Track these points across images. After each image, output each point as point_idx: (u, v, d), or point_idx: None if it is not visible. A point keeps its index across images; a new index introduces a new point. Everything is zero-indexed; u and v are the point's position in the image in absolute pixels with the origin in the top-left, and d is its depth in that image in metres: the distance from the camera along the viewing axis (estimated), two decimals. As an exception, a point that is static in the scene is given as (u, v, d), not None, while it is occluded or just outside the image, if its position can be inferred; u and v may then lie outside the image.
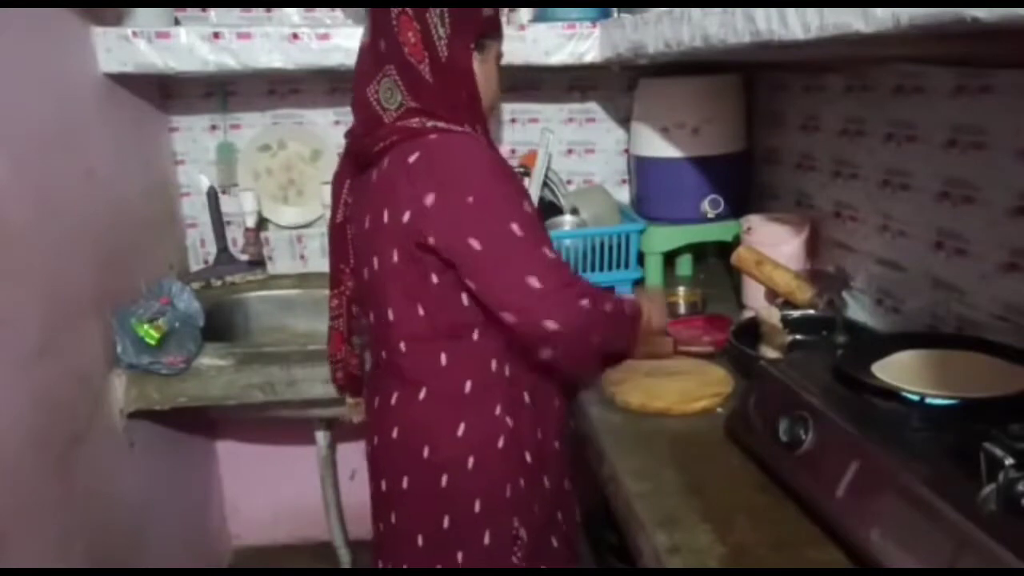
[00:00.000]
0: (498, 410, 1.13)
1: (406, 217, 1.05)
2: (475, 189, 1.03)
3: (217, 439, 2.24)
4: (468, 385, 1.12)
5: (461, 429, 1.12)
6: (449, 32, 1.06)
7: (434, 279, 1.07)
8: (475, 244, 1.02)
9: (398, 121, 1.08)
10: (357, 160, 1.18)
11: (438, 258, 1.05)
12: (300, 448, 2.14)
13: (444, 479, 1.12)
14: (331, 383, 1.41)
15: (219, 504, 2.26)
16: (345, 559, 2.09)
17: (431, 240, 1.04)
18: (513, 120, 2.12)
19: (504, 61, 1.23)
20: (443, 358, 1.12)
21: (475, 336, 1.12)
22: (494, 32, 1.16)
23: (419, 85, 1.07)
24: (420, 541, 1.15)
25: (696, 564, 0.85)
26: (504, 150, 2.06)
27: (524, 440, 1.15)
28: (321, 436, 1.99)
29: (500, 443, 1.13)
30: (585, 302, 1.05)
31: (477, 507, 1.13)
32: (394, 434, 1.16)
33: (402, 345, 1.13)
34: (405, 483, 1.15)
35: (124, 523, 1.60)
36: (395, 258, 1.08)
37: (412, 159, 1.04)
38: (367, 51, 1.12)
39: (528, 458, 1.16)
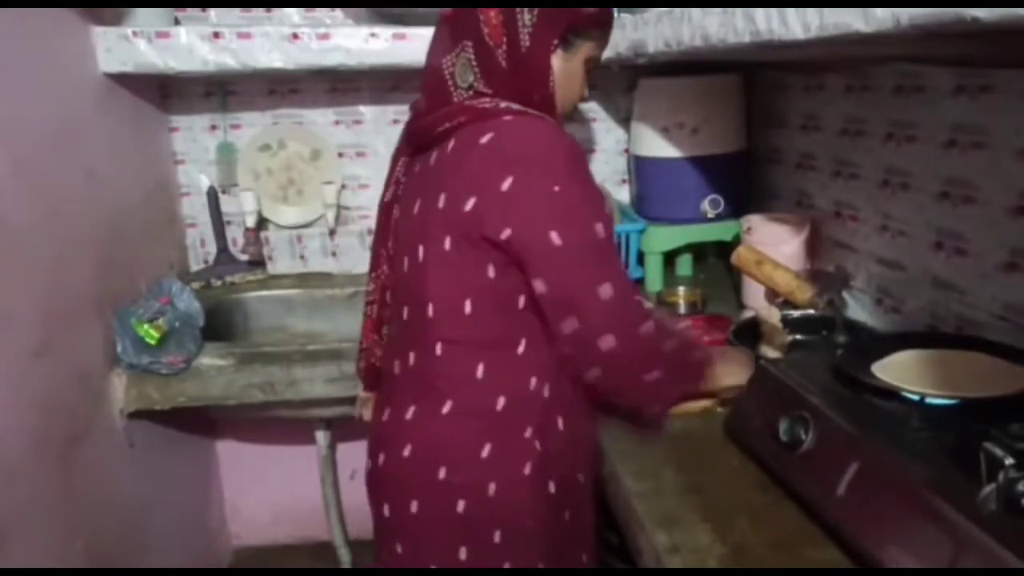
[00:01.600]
0: (528, 432, 1.01)
1: (471, 203, 0.94)
2: (561, 178, 0.92)
3: (217, 439, 2.24)
4: (501, 402, 1.00)
5: (486, 450, 0.99)
6: (535, 21, 0.97)
7: (491, 273, 0.96)
8: (555, 238, 0.91)
9: (467, 102, 0.99)
10: (416, 140, 1.08)
11: (503, 251, 0.94)
12: (300, 448, 2.14)
13: (461, 505, 0.99)
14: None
15: (219, 504, 2.26)
16: (345, 559, 2.09)
17: (506, 231, 0.92)
18: (513, 120, 2.11)
19: None
20: (480, 369, 1.00)
21: (521, 348, 1.00)
22: (589, 31, 1.04)
23: (494, 70, 0.98)
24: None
25: (696, 564, 0.85)
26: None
27: (551, 469, 1.03)
28: (321, 436, 1.99)
29: (527, 470, 1.00)
30: (648, 329, 0.96)
31: (497, 538, 1.00)
32: (406, 452, 1.02)
33: (438, 347, 1.01)
34: (414, 507, 1.02)
35: (124, 523, 1.60)
36: (447, 246, 0.97)
37: (485, 139, 0.94)
38: (446, 22, 1.03)
39: (552, 488, 1.03)
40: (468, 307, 0.99)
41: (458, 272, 0.98)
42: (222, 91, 2.02)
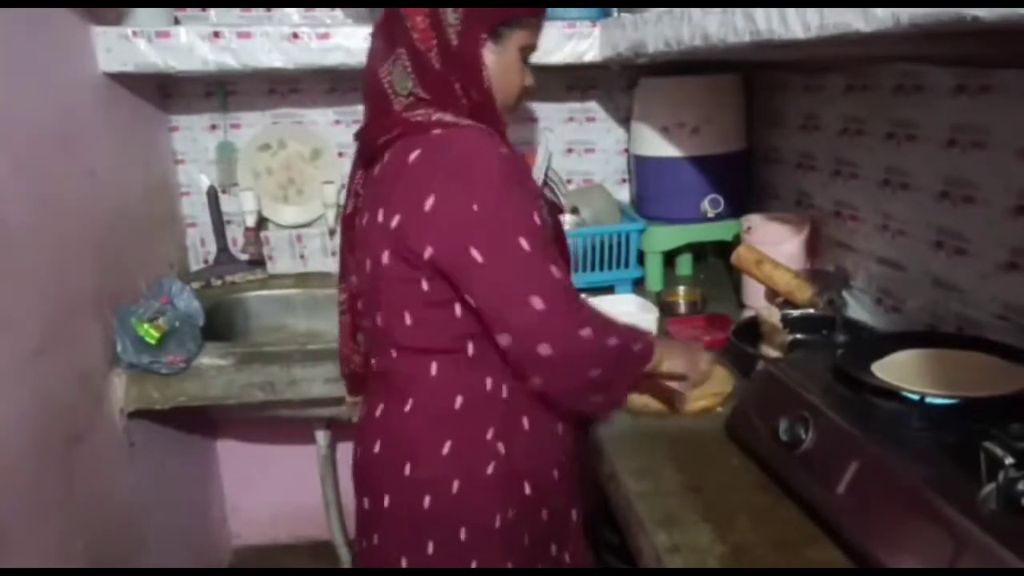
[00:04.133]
0: (490, 434, 1.02)
1: (396, 221, 0.96)
2: (480, 195, 0.93)
3: (217, 439, 2.24)
4: (459, 401, 1.02)
5: (447, 448, 1.01)
6: (461, 18, 0.97)
7: (424, 286, 0.98)
8: (477, 256, 0.92)
9: (405, 111, 1.01)
10: (363, 151, 1.10)
11: (432, 267, 0.96)
12: (300, 448, 2.14)
13: (427, 500, 1.02)
14: (337, 380, 1.32)
15: (219, 503, 2.26)
16: (345, 558, 2.09)
17: (428, 249, 0.95)
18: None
19: None
20: (433, 368, 1.02)
21: (470, 350, 1.01)
22: (516, 21, 1.03)
23: (428, 74, 0.99)
24: (404, 564, 1.06)
25: (696, 564, 0.85)
26: (504, 149, 2.06)
27: (520, 470, 1.04)
28: (321, 436, 1.99)
29: (490, 470, 1.02)
30: (587, 332, 0.96)
31: (463, 535, 1.02)
32: (376, 448, 1.07)
33: (393, 352, 1.05)
34: (387, 501, 1.05)
35: (124, 523, 1.59)
36: (385, 260, 1.00)
37: (412, 157, 0.96)
38: (379, 30, 1.05)
39: (527, 489, 1.05)
40: (408, 318, 1.01)
41: (396, 284, 1.00)
42: (222, 91, 2.02)
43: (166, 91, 2.00)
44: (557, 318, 0.94)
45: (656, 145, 1.84)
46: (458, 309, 0.99)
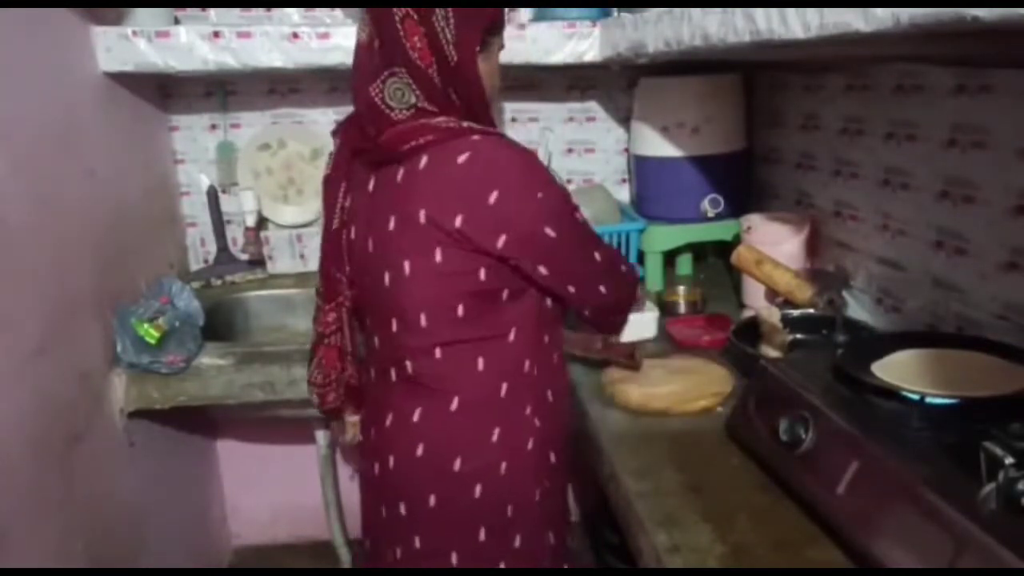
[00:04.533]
0: (528, 410, 1.11)
1: (459, 220, 1.00)
2: (540, 185, 1.04)
3: (217, 438, 2.24)
4: (504, 388, 1.09)
5: (496, 435, 1.09)
6: (455, 34, 1.02)
7: (482, 276, 1.04)
8: (550, 232, 1.04)
9: (419, 119, 1.04)
10: (371, 158, 1.11)
11: (495, 256, 1.02)
12: (300, 448, 2.14)
13: (478, 489, 1.08)
14: (320, 407, 1.26)
15: (219, 503, 2.26)
16: (345, 558, 2.08)
17: (502, 238, 1.01)
18: (513, 119, 2.11)
19: (504, 60, 1.21)
20: (480, 362, 1.08)
21: (512, 336, 1.09)
22: (497, 27, 1.11)
23: (433, 88, 1.04)
24: (455, 559, 1.10)
25: (696, 564, 0.85)
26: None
27: (549, 440, 1.14)
28: (321, 436, 1.99)
29: (530, 445, 1.11)
30: (624, 267, 1.21)
31: (510, 512, 1.10)
32: (418, 452, 1.09)
33: (437, 352, 1.07)
34: (432, 501, 1.09)
35: (124, 523, 1.59)
36: (438, 258, 1.02)
37: (463, 159, 1.00)
38: (366, 49, 1.07)
39: (552, 458, 1.15)
40: (461, 310, 1.05)
41: (450, 280, 1.05)
42: (222, 90, 2.02)
43: (166, 91, 2.00)
44: (608, 264, 1.14)
45: (656, 145, 1.84)
46: (505, 294, 1.07)
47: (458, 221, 1.00)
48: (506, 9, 1.19)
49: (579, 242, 1.10)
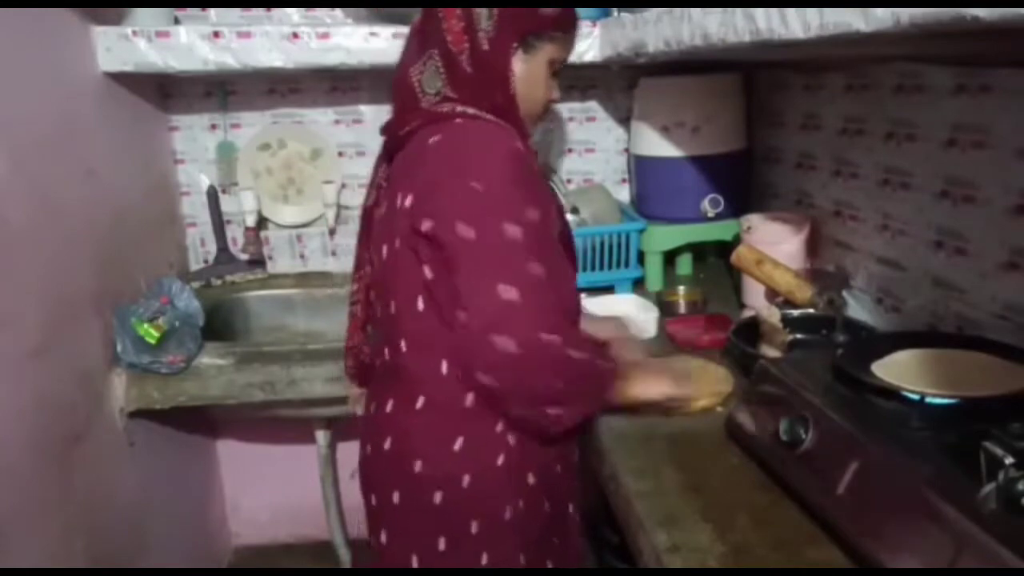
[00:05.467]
0: (500, 426, 1.04)
1: (410, 200, 0.99)
2: (485, 177, 0.95)
3: (217, 438, 2.24)
4: (469, 398, 1.03)
5: (458, 444, 1.03)
6: (494, 25, 1.01)
7: (427, 274, 0.99)
8: (464, 231, 0.92)
9: (431, 107, 1.04)
10: (386, 145, 1.13)
11: (429, 246, 0.97)
12: (300, 447, 2.14)
13: (438, 496, 1.04)
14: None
15: (219, 503, 2.26)
16: (345, 558, 2.09)
17: (427, 222, 0.96)
18: (513, 119, 2.11)
19: None
20: (444, 365, 1.02)
21: None
22: (549, 33, 1.06)
23: (459, 75, 1.03)
24: (415, 562, 1.07)
25: (696, 563, 0.85)
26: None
27: (528, 460, 1.06)
28: (321, 435, 1.99)
29: (500, 460, 1.04)
30: (553, 337, 0.92)
31: (474, 528, 1.04)
32: (387, 445, 1.08)
33: (403, 343, 1.06)
34: (396, 498, 1.07)
35: (124, 523, 1.60)
36: (397, 245, 1.02)
37: (432, 141, 1.00)
38: (415, 32, 1.08)
39: (531, 479, 1.07)
40: (420, 304, 1.02)
41: (407, 270, 1.02)
42: (222, 90, 2.02)
43: (166, 91, 2.00)
44: (523, 313, 0.91)
45: (656, 145, 1.84)
46: None
47: (408, 201, 0.99)
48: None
49: (492, 258, 0.92)
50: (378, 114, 2.07)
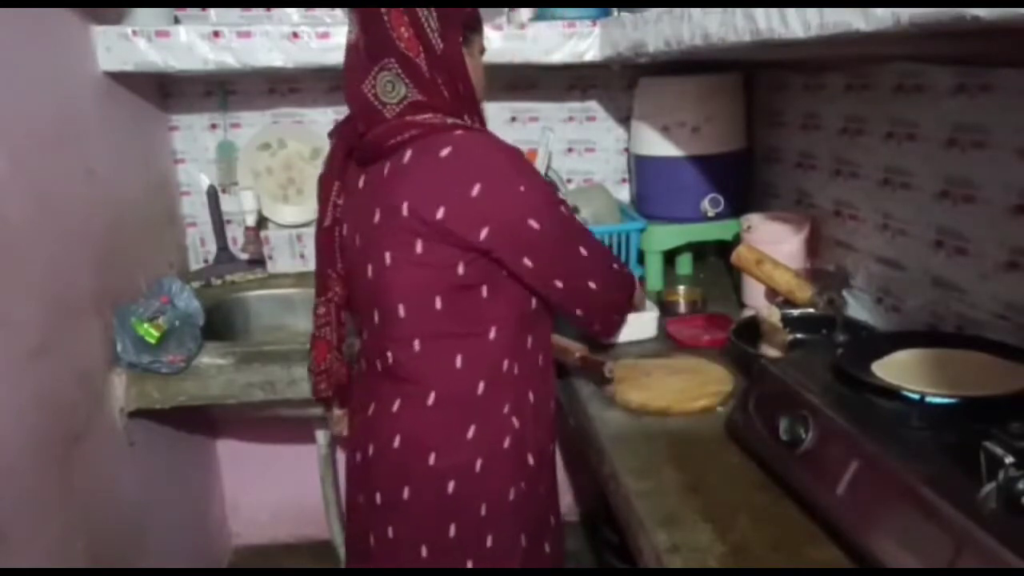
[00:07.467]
0: (506, 409, 1.12)
1: (441, 212, 1.02)
2: (523, 178, 1.06)
3: (217, 438, 2.24)
4: (481, 386, 1.10)
5: (471, 432, 1.10)
6: (439, 25, 1.06)
7: (460, 270, 1.05)
8: (534, 224, 1.05)
9: (405, 115, 1.07)
10: (360, 156, 1.15)
11: (476, 249, 1.04)
12: (300, 447, 2.14)
13: (451, 486, 1.09)
14: (313, 395, 1.32)
15: (219, 503, 2.26)
16: (345, 558, 2.08)
17: (484, 230, 1.03)
18: (513, 119, 2.11)
19: (505, 60, 1.24)
20: (458, 359, 1.09)
21: (492, 334, 1.10)
22: (476, 25, 1.16)
23: (420, 77, 1.06)
24: (424, 552, 1.11)
25: (696, 563, 0.85)
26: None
27: (528, 442, 1.14)
28: (321, 435, 1.99)
29: (506, 443, 1.12)
30: (616, 264, 1.23)
31: (483, 511, 1.11)
32: (395, 443, 1.11)
33: (416, 344, 1.09)
34: (406, 493, 1.11)
35: (124, 522, 1.59)
36: (418, 249, 1.05)
37: (445, 153, 1.03)
38: (355, 48, 1.10)
39: (531, 460, 1.15)
40: (439, 303, 1.07)
41: (428, 272, 1.06)
42: (222, 90, 2.02)
43: (166, 90, 2.00)
44: (598, 260, 1.16)
45: (656, 145, 1.84)
46: (484, 291, 1.08)
47: (440, 213, 1.03)
48: (505, 12, 1.21)
49: (564, 235, 1.11)
50: (378, 114, 2.07)
